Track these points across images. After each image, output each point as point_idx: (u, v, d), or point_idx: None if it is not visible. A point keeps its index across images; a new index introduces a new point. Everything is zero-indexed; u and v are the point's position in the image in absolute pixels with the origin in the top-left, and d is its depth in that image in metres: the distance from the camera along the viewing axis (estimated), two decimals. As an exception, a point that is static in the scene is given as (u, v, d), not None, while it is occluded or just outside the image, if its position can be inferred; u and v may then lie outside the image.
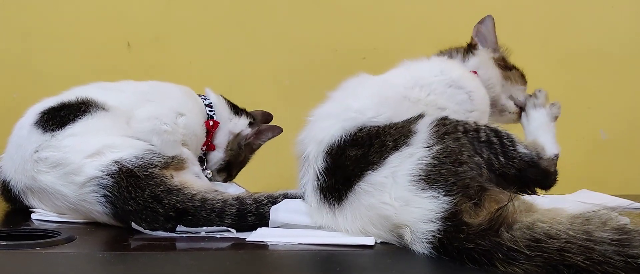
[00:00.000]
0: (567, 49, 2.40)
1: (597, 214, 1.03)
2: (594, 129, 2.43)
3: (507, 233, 1.02)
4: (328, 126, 1.30)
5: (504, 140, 1.24)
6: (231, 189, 1.61)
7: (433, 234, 1.09)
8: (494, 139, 1.24)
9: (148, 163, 1.38)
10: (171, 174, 1.41)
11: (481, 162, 1.20)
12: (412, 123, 1.26)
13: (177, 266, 1.09)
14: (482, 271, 1.02)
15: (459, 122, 1.25)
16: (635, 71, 2.41)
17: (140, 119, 1.51)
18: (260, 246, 1.21)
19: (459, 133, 1.23)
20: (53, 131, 1.42)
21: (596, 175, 2.34)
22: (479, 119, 1.40)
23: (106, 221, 1.38)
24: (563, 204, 1.23)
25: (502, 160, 1.23)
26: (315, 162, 1.29)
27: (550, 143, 1.35)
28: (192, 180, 1.46)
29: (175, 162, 1.44)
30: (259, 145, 1.82)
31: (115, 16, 2.32)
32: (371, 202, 1.19)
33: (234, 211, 1.34)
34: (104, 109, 1.48)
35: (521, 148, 1.26)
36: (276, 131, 1.81)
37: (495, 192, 1.16)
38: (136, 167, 1.36)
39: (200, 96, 1.73)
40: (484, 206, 1.13)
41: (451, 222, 1.09)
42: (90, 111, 1.46)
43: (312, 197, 1.30)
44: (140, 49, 2.32)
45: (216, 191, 1.43)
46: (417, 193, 1.14)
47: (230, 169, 1.78)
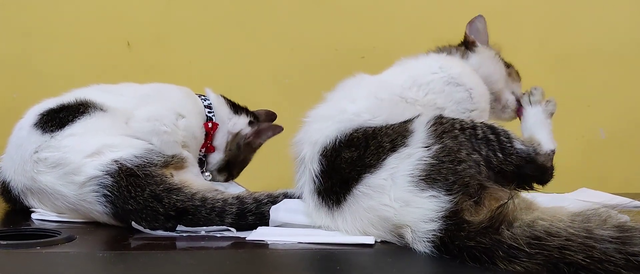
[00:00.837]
0: (566, 47, 2.40)
1: (597, 212, 1.03)
2: (593, 127, 2.43)
3: (508, 230, 1.02)
4: (323, 128, 1.30)
5: (501, 137, 1.24)
6: (231, 188, 1.61)
7: (434, 233, 1.09)
8: (491, 136, 1.24)
9: (148, 162, 1.38)
10: (171, 173, 1.41)
11: (479, 160, 1.20)
12: (408, 123, 1.25)
13: (177, 266, 1.09)
14: (483, 269, 1.02)
15: (455, 120, 1.25)
16: (634, 69, 2.41)
17: (140, 119, 1.50)
18: (261, 245, 1.21)
19: (457, 131, 1.22)
20: (52, 131, 1.42)
21: (596, 173, 2.34)
22: (479, 118, 1.40)
23: (106, 221, 1.38)
24: (563, 202, 1.23)
25: (500, 156, 1.22)
26: (311, 165, 1.29)
27: (546, 139, 1.35)
28: (192, 179, 1.46)
29: (175, 161, 1.44)
30: (259, 144, 1.80)
31: (115, 16, 2.31)
32: (371, 204, 1.19)
33: (234, 210, 1.34)
34: (102, 109, 1.48)
35: (518, 144, 1.25)
36: (276, 129, 1.79)
37: (495, 190, 1.16)
38: (136, 166, 1.36)
39: (199, 96, 1.72)
40: (484, 204, 1.13)
41: (452, 221, 1.09)
42: (89, 112, 1.46)
43: (310, 199, 1.29)
44: (140, 49, 2.32)
45: (216, 190, 1.43)
46: (417, 193, 1.14)
47: (230, 169, 1.77)
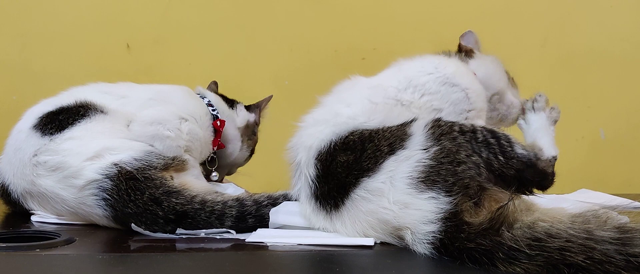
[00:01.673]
0: (567, 48, 2.40)
1: (597, 214, 1.03)
2: (593, 128, 2.43)
3: (508, 232, 1.02)
4: (318, 132, 1.30)
5: (502, 141, 1.24)
6: (230, 189, 1.60)
7: (434, 234, 1.09)
8: (491, 139, 1.23)
9: (147, 165, 1.37)
10: (171, 176, 1.41)
11: (480, 162, 1.20)
12: (406, 126, 1.25)
13: (176, 268, 1.08)
14: (483, 270, 1.02)
15: (454, 123, 1.25)
16: (635, 70, 2.41)
17: (142, 123, 1.48)
18: (260, 247, 1.21)
19: (455, 133, 1.22)
20: (52, 134, 1.41)
21: (596, 174, 2.34)
22: (477, 118, 1.40)
23: (106, 224, 1.38)
24: (563, 203, 1.23)
25: (501, 159, 1.22)
26: (306, 169, 1.29)
27: (548, 145, 1.35)
28: (192, 181, 1.45)
29: (175, 164, 1.43)
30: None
31: (114, 18, 2.31)
32: (370, 208, 1.18)
33: (233, 213, 1.33)
34: (102, 112, 1.46)
35: (519, 149, 1.25)
36: (267, 99, 1.85)
37: (494, 191, 1.16)
38: (135, 169, 1.35)
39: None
40: (484, 206, 1.13)
41: (452, 222, 1.09)
42: (89, 115, 1.44)
43: (307, 204, 1.29)
44: (139, 50, 2.31)
45: (216, 192, 1.43)
46: (417, 195, 1.14)
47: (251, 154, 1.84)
